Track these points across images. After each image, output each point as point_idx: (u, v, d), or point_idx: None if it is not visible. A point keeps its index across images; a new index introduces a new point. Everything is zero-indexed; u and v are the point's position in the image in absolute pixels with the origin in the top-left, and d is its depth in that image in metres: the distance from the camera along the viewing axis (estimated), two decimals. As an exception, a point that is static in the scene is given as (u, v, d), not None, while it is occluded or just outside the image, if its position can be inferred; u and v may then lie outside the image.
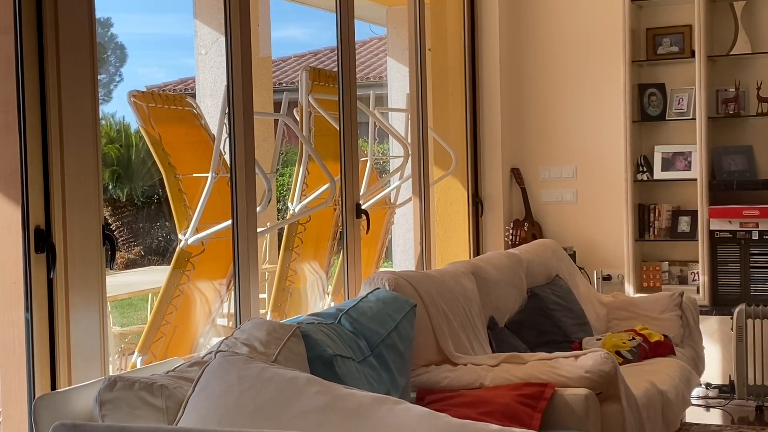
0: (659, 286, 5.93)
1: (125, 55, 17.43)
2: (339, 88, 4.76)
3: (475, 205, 6.25)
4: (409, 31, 5.67)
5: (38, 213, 2.83)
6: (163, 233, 12.32)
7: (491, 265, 4.54)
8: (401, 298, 3.64)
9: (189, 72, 14.12)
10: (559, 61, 6.23)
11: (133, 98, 4.40)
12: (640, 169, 5.95)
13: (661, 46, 5.96)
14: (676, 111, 5.91)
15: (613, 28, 5.92)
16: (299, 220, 5.32)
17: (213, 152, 4.47)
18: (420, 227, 5.67)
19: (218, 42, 6.39)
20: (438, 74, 6.21)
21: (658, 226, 5.96)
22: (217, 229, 4.41)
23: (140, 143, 12.12)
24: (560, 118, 6.24)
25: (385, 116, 6.73)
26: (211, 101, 6.43)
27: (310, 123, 5.30)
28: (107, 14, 15.76)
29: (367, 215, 4.84)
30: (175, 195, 4.48)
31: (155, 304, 4.60)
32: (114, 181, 11.92)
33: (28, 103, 2.83)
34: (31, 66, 2.84)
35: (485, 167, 6.25)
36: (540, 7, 6.26)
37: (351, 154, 4.76)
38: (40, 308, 2.82)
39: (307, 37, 18.25)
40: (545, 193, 6.31)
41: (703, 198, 5.72)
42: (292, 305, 5.40)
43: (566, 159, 6.25)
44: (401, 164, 5.82)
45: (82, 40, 2.96)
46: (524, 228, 6.16)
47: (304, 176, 5.27)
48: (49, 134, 2.85)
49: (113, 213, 11.92)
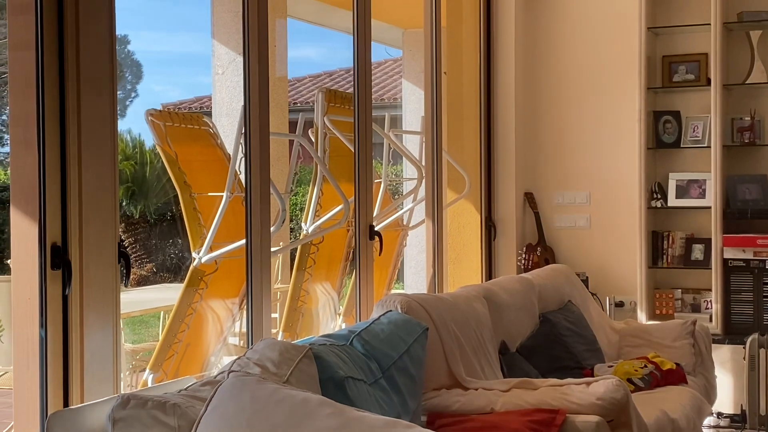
0: (672, 313, 5.91)
1: (141, 72, 17.55)
2: (354, 109, 4.78)
3: (488, 229, 6.25)
4: (425, 54, 5.70)
5: (55, 230, 2.85)
6: (176, 250, 12.35)
7: (503, 289, 4.54)
8: (413, 321, 3.64)
9: (205, 90, 14.20)
10: (574, 87, 6.24)
11: (150, 117, 4.43)
12: (655, 196, 5.95)
13: (677, 73, 5.97)
14: (691, 138, 5.91)
15: (629, 55, 5.94)
16: (312, 240, 5.33)
17: (228, 172, 4.49)
18: (432, 250, 5.67)
19: (235, 62, 6.44)
20: (453, 97, 6.23)
21: (672, 254, 5.95)
22: (230, 249, 4.42)
23: (155, 160, 12.17)
24: (575, 144, 6.25)
25: (400, 138, 6.75)
26: (227, 120, 6.46)
27: (325, 144, 5.32)
28: (125, 31, 15.90)
29: (380, 237, 4.85)
30: (190, 213, 4.50)
31: (167, 321, 4.61)
32: (128, 197, 11.98)
33: (47, 119, 2.84)
34: (52, 82, 2.85)
35: (499, 191, 6.25)
36: (556, 32, 6.28)
37: (365, 175, 4.77)
38: (54, 325, 2.83)
39: (322, 57, 18.35)
40: (559, 218, 6.31)
41: (717, 226, 5.71)
42: (303, 325, 5.40)
43: (580, 184, 6.25)
44: (415, 186, 5.83)
45: (102, 58, 2.98)
46: (537, 253, 6.16)
47: (318, 197, 5.28)
48: (67, 151, 2.87)
49: (126, 229, 11.97)
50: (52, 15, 2.85)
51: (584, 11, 6.21)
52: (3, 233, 10.29)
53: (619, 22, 6.06)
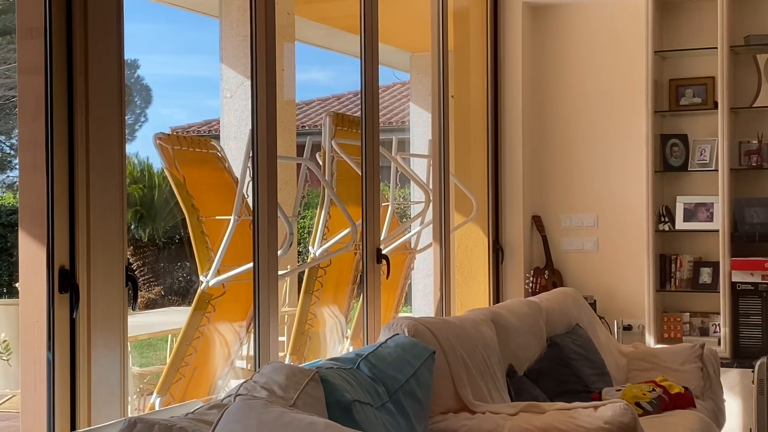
0: (680, 337, 5.89)
1: (150, 96, 17.64)
2: (362, 133, 4.79)
3: (496, 252, 6.25)
4: (432, 77, 5.72)
5: (63, 253, 2.86)
6: (184, 273, 12.36)
7: (511, 312, 4.53)
8: (420, 344, 3.64)
9: (213, 114, 14.27)
10: (581, 110, 6.26)
11: (159, 141, 4.45)
12: (662, 219, 5.94)
13: (684, 97, 5.98)
14: (698, 162, 5.91)
15: (636, 79, 5.95)
16: (320, 263, 5.34)
17: (236, 195, 4.51)
18: (440, 273, 5.67)
19: (243, 86, 6.46)
20: (460, 121, 6.25)
21: (680, 277, 5.93)
22: (238, 272, 4.43)
23: (163, 184, 12.21)
24: (582, 167, 6.26)
25: (407, 161, 6.77)
26: (234, 144, 6.48)
27: (333, 167, 5.34)
28: (134, 56, 15.99)
29: (387, 260, 4.85)
30: (198, 237, 4.51)
31: (175, 345, 4.62)
32: (136, 221, 12.00)
33: (56, 143, 2.86)
34: (61, 106, 2.87)
35: (506, 214, 6.26)
36: (563, 55, 6.30)
37: (373, 199, 4.78)
38: (62, 348, 2.83)
39: (330, 80, 18.42)
40: (566, 241, 6.30)
41: (725, 249, 5.69)
42: (311, 349, 5.40)
43: (588, 207, 6.25)
44: (422, 210, 5.84)
45: (110, 82, 3.01)
46: (544, 276, 6.15)
47: (325, 220, 5.29)
48: (76, 175, 2.88)
49: (134, 253, 11.99)
50: (62, 39, 2.87)
51: (591, 35, 6.24)
52: (12, 256, 10.32)
53: (626, 45, 6.08)
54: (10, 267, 10.37)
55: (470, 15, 6.29)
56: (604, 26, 6.21)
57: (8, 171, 13.20)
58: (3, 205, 11.22)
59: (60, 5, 2.87)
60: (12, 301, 5.70)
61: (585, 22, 6.25)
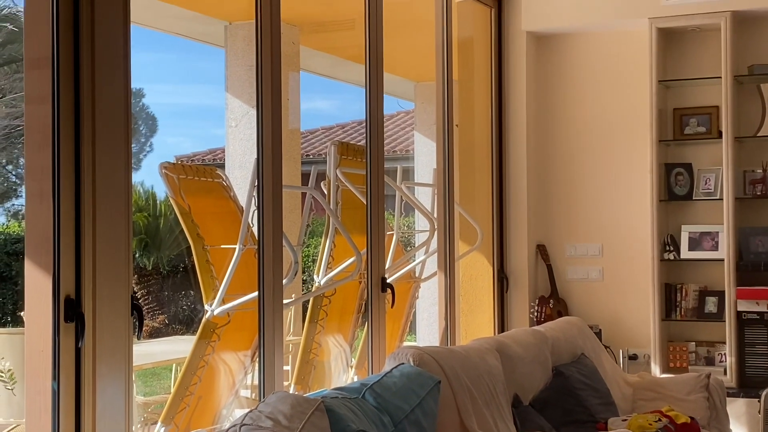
0: (686, 366, 5.87)
1: (156, 125, 17.71)
2: (367, 162, 4.81)
3: (501, 281, 6.25)
4: (437, 106, 5.74)
5: (69, 282, 2.86)
6: (188, 302, 12.35)
7: (516, 342, 4.52)
8: (425, 374, 3.63)
9: (218, 142, 14.30)
10: (585, 139, 6.27)
11: (164, 170, 4.46)
12: (667, 248, 5.94)
13: (688, 126, 5.99)
14: (703, 191, 5.92)
15: (640, 108, 5.96)
16: (324, 292, 5.33)
17: (241, 224, 4.51)
18: (445, 302, 5.66)
19: (248, 115, 6.50)
20: (465, 150, 6.27)
21: (685, 306, 5.92)
22: (243, 301, 4.43)
23: (168, 212, 12.22)
24: (587, 195, 6.26)
25: (412, 190, 6.78)
26: (240, 173, 6.50)
27: (338, 196, 5.35)
28: (139, 85, 16.07)
29: (392, 289, 4.84)
30: (203, 266, 4.51)
31: (180, 374, 4.60)
32: (141, 249, 12.01)
33: (62, 172, 2.86)
34: (67, 135, 2.88)
35: (511, 243, 6.26)
36: (567, 84, 6.33)
37: (377, 228, 4.79)
38: (67, 377, 2.83)
39: (335, 109, 18.47)
40: (571, 270, 6.30)
41: (730, 279, 5.68)
42: (315, 378, 5.38)
43: (592, 236, 6.25)
44: (427, 239, 5.84)
45: (117, 112, 3.02)
46: (550, 305, 6.14)
47: (330, 249, 5.29)
48: (82, 204, 2.89)
49: (139, 281, 11.99)
50: (69, 69, 2.89)
51: (595, 64, 6.26)
52: (16, 285, 10.31)
53: (630, 74, 6.10)
54: (14, 295, 10.36)
55: (475, 44, 6.33)
56: (607, 56, 6.23)
57: (13, 199, 13.23)
58: (8, 233, 11.24)
59: (67, 35, 2.89)
60: (17, 330, 5.69)
61: (589, 51, 6.27)
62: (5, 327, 10.05)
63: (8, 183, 13.46)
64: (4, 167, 13.30)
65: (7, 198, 13.26)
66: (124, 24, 3.07)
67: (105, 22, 2.96)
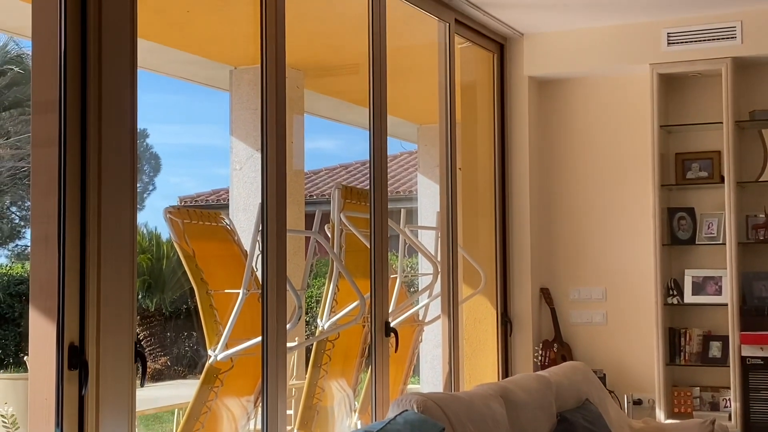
0: (690, 412, 5.84)
1: (159, 165, 17.77)
2: (370, 205, 4.82)
3: (504, 325, 6.23)
4: (440, 150, 5.76)
5: (73, 329, 2.86)
6: (191, 344, 12.31)
7: (520, 387, 4.50)
8: (430, 421, 3.62)
9: (222, 182, 14.34)
10: (588, 182, 6.29)
11: (168, 214, 4.47)
12: (671, 293, 5.93)
13: (690, 170, 6.01)
14: (706, 235, 5.92)
15: (642, 152, 5.99)
16: (328, 336, 5.32)
17: (245, 268, 4.51)
18: (448, 346, 5.65)
19: (253, 158, 6.52)
20: (468, 193, 6.28)
21: (689, 351, 5.90)
22: (246, 346, 4.41)
23: (171, 253, 12.22)
24: (590, 239, 6.27)
25: (415, 232, 6.78)
26: (243, 215, 6.51)
27: (341, 240, 5.35)
28: (143, 125, 16.16)
29: (396, 334, 4.84)
30: (207, 311, 4.50)
31: (182, 420, 4.58)
32: (144, 290, 11.99)
33: (68, 216, 2.87)
34: (73, 180, 2.89)
35: (514, 286, 6.26)
36: (570, 128, 6.36)
37: (381, 271, 4.79)
38: (70, 425, 2.82)
39: (338, 149, 18.52)
40: (575, 314, 6.29)
41: (734, 323, 5.67)
42: (319, 423, 5.35)
43: (596, 280, 6.24)
44: (431, 282, 5.83)
45: (123, 157, 3.03)
46: (554, 349, 6.12)
47: (334, 293, 5.29)
48: (87, 249, 2.89)
49: (141, 323, 11.96)
50: (76, 113, 2.91)
51: (597, 109, 6.30)
52: (19, 326, 10.30)
53: (632, 119, 6.14)
54: (17, 337, 10.34)
55: (477, 89, 6.37)
56: (609, 100, 6.27)
57: (17, 240, 13.24)
58: (11, 274, 11.24)
59: (75, 80, 2.91)
60: (20, 375, 5.69)
61: (591, 96, 6.31)
62: (7, 368, 10.02)
63: (12, 224, 13.49)
64: (8, 208, 13.32)
65: (10, 239, 13.28)
66: (131, 70, 3.09)
67: (112, 68, 2.99)
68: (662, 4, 5.62)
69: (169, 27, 5.71)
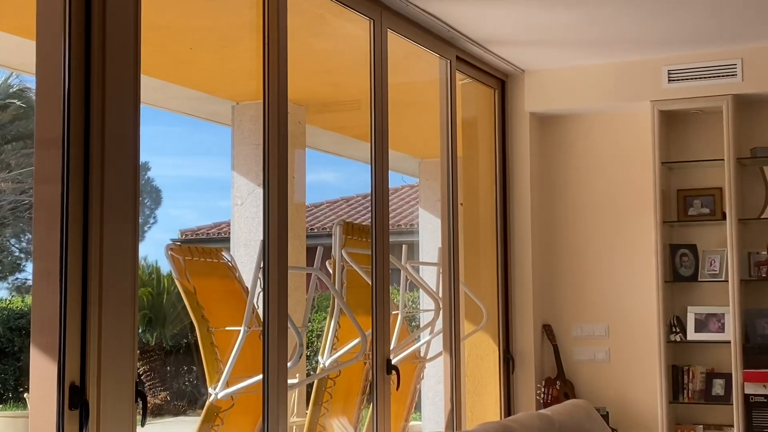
0: (694, 450, 5.80)
1: (160, 197, 17.78)
2: (372, 241, 4.81)
3: (506, 362, 6.20)
4: (441, 185, 5.76)
5: (74, 368, 2.85)
6: (191, 379, 12.26)
7: (523, 426, 4.46)
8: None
9: (223, 215, 14.35)
10: (590, 219, 6.28)
11: (170, 251, 4.47)
12: (673, 330, 5.91)
13: (692, 207, 6.00)
14: (708, 272, 5.91)
15: (643, 188, 5.98)
16: (329, 374, 5.30)
17: (246, 305, 4.50)
18: (450, 383, 5.61)
19: (254, 193, 6.52)
20: (470, 228, 6.27)
21: (692, 389, 5.87)
22: (247, 384, 4.39)
23: (171, 287, 12.20)
24: (592, 276, 6.25)
25: (416, 267, 6.77)
26: (245, 251, 6.51)
27: (343, 277, 5.34)
28: (145, 158, 16.20)
29: (397, 371, 4.81)
30: (207, 348, 4.49)
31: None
32: (144, 324, 11.97)
33: (70, 252, 2.87)
34: (76, 215, 2.88)
35: (516, 323, 6.23)
36: (572, 165, 6.36)
37: (382, 308, 4.77)
38: (70, 466, 2.80)
39: (339, 181, 18.54)
40: (578, 351, 6.26)
41: (737, 361, 5.64)
42: (319, 461, 5.32)
43: (598, 317, 6.22)
44: (432, 318, 5.81)
45: (126, 193, 3.03)
46: (556, 386, 6.09)
47: (335, 330, 5.27)
48: (89, 286, 2.88)
49: (141, 357, 11.93)
50: (79, 149, 2.91)
51: (598, 145, 6.30)
52: (18, 361, 10.26)
53: (633, 155, 6.14)
54: (16, 372, 10.30)
55: (478, 123, 6.38)
56: (611, 137, 6.27)
57: (17, 273, 13.22)
58: (11, 309, 11.21)
59: (78, 116, 2.92)
60: (21, 413, 5.65)
61: (592, 132, 6.32)
62: (7, 403, 9.97)
63: (12, 257, 13.48)
64: (8, 241, 13.32)
65: (11, 273, 13.26)
66: (135, 107, 3.10)
67: (116, 105, 3.00)
68: (662, 41, 5.64)
69: (172, 64, 5.74)
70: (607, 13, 5.08)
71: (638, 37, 5.55)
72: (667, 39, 5.60)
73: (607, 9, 5.00)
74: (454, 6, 4.94)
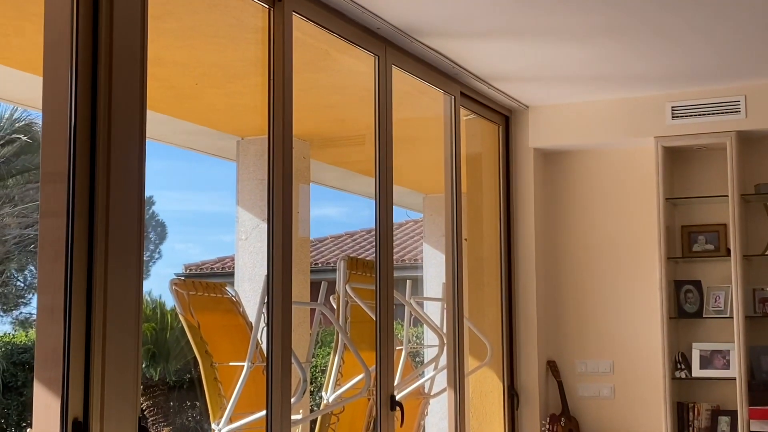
0: (700, 488, 5.75)
1: (165, 232, 17.80)
2: (376, 276, 4.80)
3: (511, 398, 6.17)
4: (446, 221, 5.76)
5: (77, 403, 2.83)
6: (194, 414, 12.20)
7: (527, 463, 4.44)
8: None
9: (227, 250, 14.36)
10: (594, 255, 6.28)
11: (174, 286, 4.46)
12: (678, 366, 5.88)
13: (697, 243, 6.00)
14: (713, 309, 5.89)
15: (648, 224, 5.99)
16: (333, 410, 5.27)
17: (250, 341, 4.49)
18: (455, 419, 5.58)
19: (259, 228, 6.52)
20: (474, 264, 6.27)
21: (698, 426, 5.83)
22: (251, 420, 4.37)
23: (175, 322, 12.18)
24: (597, 312, 6.23)
25: (421, 303, 6.75)
26: (249, 285, 6.49)
27: (347, 312, 5.33)
28: (150, 192, 16.23)
29: (401, 408, 4.78)
30: (210, 384, 4.46)
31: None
32: (147, 359, 11.93)
33: (75, 287, 2.86)
34: (80, 250, 2.88)
35: (521, 359, 6.21)
36: (576, 200, 6.36)
37: (387, 344, 4.76)
38: (72, 503, 2.78)
39: (343, 216, 18.57)
40: (582, 387, 6.23)
41: (742, 398, 5.61)
42: (322, 498, 5.27)
43: (603, 353, 6.20)
44: (436, 354, 5.79)
45: (130, 228, 3.03)
46: (561, 423, 6.05)
47: (339, 365, 5.24)
48: (93, 321, 2.88)
49: (145, 392, 11.88)
50: (84, 183, 2.91)
51: (603, 181, 6.31)
52: (21, 395, 10.22)
53: (638, 191, 6.14)
54: (19, 406, 10.26)
55: (483, 159, 6.39)
56: (615, 173, 6.29)
57: (21, 307, 13.21)
58: (14, 343, 11.19)
59: (84, 151, 2.92)
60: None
61: (596, 168, 6.33)
62: (10, 439, 9.93)
63: (16, 291, 13.47)
64: (12, 275, 13.33)
65: (15, 307, 13.25)
66: (140, 142, 3.11)
67: (121, 140, 3.01)
68: (666, 77, 5.67)
69: (177, 99, 5.76)
70: (611, 50, 5.10)
71: (642, 73, 5.58)
72: (671, 76, 5.63)
73: (610, 46, 5.03)
74: (459, 42, 4.97)
